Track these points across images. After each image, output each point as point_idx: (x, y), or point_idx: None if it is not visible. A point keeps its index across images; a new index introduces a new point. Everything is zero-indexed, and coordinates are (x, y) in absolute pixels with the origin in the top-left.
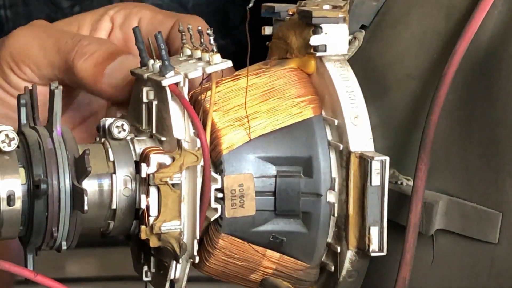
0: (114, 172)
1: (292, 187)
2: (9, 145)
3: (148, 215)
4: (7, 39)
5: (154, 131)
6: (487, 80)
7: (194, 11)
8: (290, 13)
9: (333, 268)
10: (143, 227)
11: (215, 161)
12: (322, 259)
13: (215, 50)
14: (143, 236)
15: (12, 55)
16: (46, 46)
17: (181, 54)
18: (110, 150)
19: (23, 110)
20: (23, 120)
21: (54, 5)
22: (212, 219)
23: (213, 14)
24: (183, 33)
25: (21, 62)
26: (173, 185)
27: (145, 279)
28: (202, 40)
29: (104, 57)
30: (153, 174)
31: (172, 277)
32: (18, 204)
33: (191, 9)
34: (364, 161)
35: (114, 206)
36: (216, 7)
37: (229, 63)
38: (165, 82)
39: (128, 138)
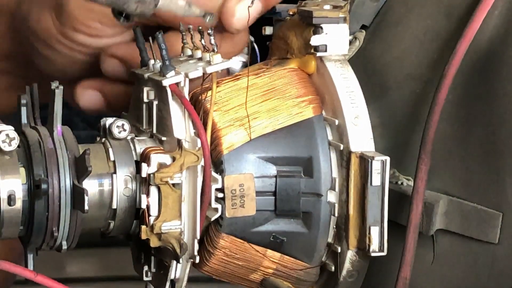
0: (115, 172)
1: (293, 187)
2: (10, 144)
3: (149, 215)
4: (65, 5)
5: (154, 131)
6: (487, 80)
7: None
8: (291, 13)
9: (333, 268)
10: (143, 227)
11: (216, 161)
12: (323, 259)
13: (215, 50)
14: (143, 236)
15: (75, 14)
16: None
17: (182, 54)
18: (110, 150)
19: (23, 109)
20: (24, 120)
21: None
22: (213, 219)
23: None
24: (184, 33)
25: (87, 19)
26: (173, 185)
27: (145, 279)
28: (202, 40)
29: None
30: (153, 174)
31: (172, 277)
32: (18, 204)
33: None
34: (365, 161)
35: (114, 206)
36: None
37: (229, 63)
38: (165, 82)
39: (129, 138)
